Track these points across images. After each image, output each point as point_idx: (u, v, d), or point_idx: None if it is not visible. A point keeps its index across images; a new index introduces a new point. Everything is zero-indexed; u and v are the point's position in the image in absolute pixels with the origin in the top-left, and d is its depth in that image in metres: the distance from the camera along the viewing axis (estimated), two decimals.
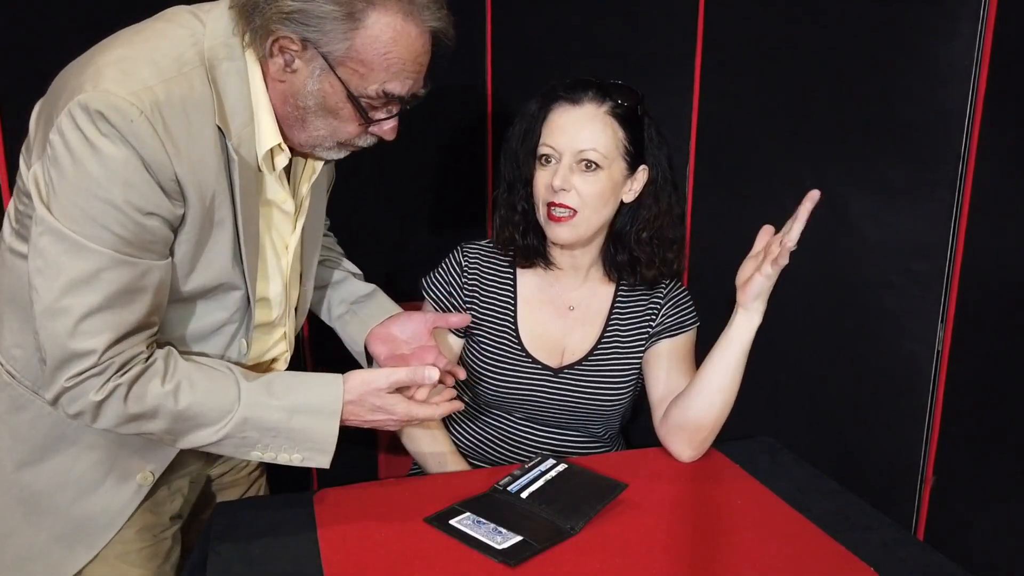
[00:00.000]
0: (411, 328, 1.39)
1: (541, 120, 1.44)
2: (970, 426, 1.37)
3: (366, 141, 1.17)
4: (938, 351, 1.38)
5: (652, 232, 1.48)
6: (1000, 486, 1.33)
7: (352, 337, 1.43)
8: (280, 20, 1.03)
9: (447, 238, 1.54)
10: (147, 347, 1.09)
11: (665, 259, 1.49)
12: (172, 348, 1.13)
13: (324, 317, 1.49)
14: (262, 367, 1.32)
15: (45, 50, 1.63)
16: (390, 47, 1.05)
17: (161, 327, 1.13)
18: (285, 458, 1.15)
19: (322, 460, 1.16)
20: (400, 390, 1.20)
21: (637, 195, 1.47)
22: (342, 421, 1.16)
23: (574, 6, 1.91)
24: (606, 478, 1.30)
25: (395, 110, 1.14)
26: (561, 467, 1.32)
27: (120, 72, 1.01)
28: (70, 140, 0.99)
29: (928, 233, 1.36)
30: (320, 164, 1.25)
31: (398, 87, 1.09)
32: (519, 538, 1.14)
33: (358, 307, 1.44)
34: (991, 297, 1.32)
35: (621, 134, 1.42)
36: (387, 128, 1.15)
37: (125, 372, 1.06)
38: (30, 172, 1.05)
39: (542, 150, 1.43)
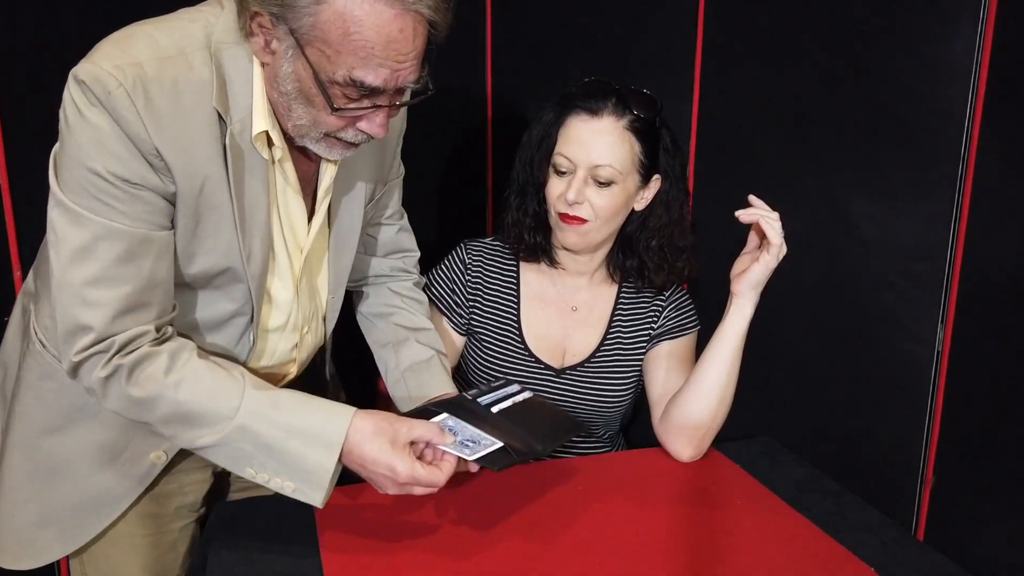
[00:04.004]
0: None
1: (558, 127, 1.42)
2: (970, 426, 1.36)
3: (353, 136, 1.07)
4: (938, 351, 1.38)
5: (662, 240, 1.47)
6: (1000, 486, 1.33)
7: (399, 406, 1.36)
8: None
9: (447, 236, 1.54)
10: (157, 331, 1.08)
11: (674, 267, 1.49)
12: (190, 344, 1.11)
13: (385, 379, 1.42)
14: (275, 379, 1.28)
15: (45, 50, 1.63)
16: (355, 27, 0.96)
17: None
18: (278, 484, 1.08)
19: (314, 496, 1.08)
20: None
21: (648, 203, 1.46)
22: (342, 459, 1.08)
23: (574, 6, 1.91)
24: (567, 414, 1.39)
25: (380, 103, 1.04)
26: (526, 394, 1.30)
27: (115, 47, 1.01)
28: (67, 111, 1.01)
29: (928, 233, 1.36)
30: (334, 166, 1.17)
31: (370, 76, 0.99)
32: (499, 444, 1.13)
33: (409, 376, 1.36)
34: (991, 297, 1.32)
35: (638, 148, 1.40)
36: (364, 124, 1.05)
37: (128, 353, 1.05)
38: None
39: (557, 160, 1.41)
